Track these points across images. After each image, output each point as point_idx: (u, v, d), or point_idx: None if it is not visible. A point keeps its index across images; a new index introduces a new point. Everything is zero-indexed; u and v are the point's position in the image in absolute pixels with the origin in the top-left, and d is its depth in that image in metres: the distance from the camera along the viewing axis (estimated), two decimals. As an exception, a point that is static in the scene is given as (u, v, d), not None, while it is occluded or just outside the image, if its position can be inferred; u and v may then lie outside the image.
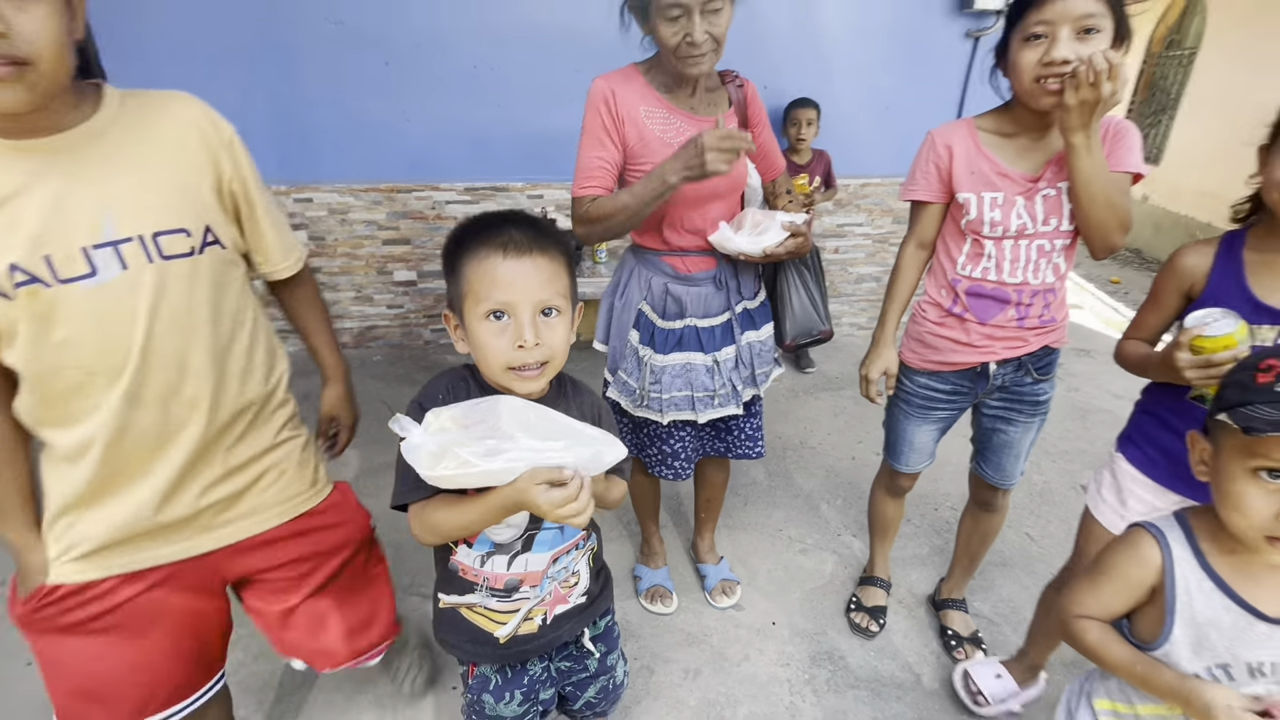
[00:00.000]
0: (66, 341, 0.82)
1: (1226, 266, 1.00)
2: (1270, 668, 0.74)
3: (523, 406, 0.79)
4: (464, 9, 2.80)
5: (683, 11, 1.18)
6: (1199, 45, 5.84)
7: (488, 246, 0.80)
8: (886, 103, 3.28)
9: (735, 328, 1.49)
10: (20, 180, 0.78)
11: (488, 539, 0.88)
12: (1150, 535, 0.81)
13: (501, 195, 3.13)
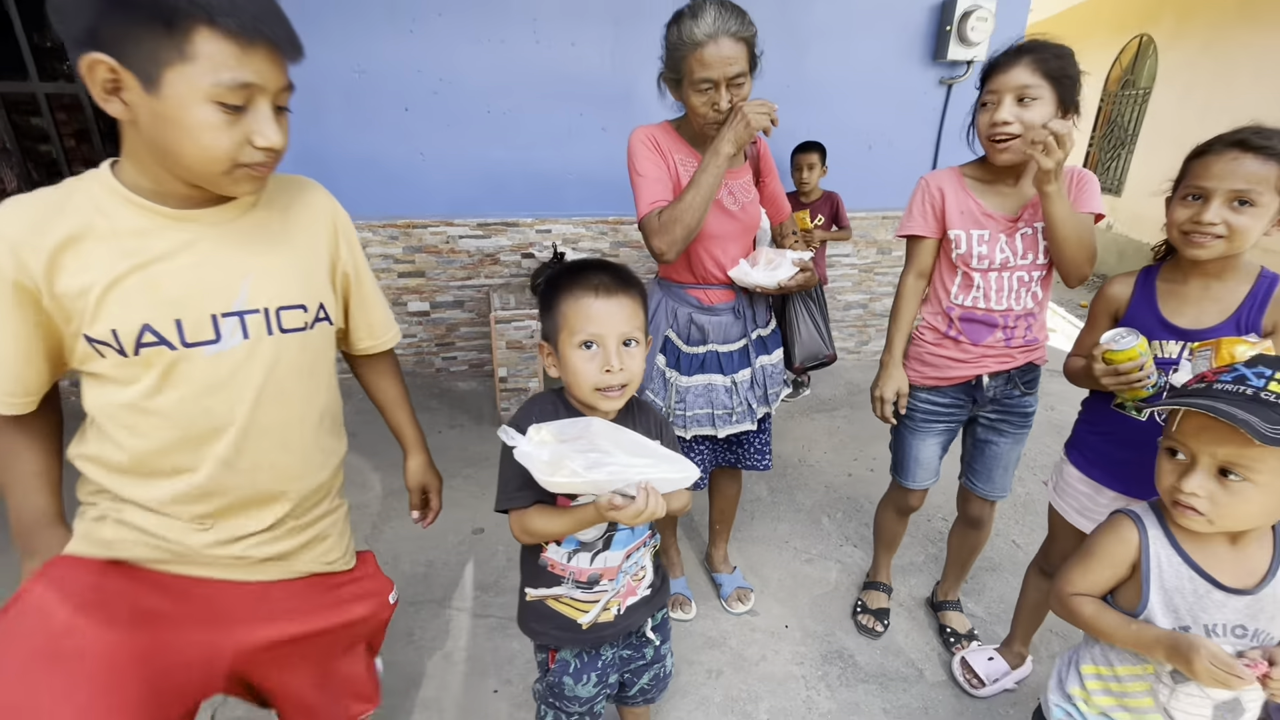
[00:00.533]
0: (178, 402, 0.85)
1: (1143, 294, 1.21)
2: (1223, 629, 0.89)
3: (611, 427, 0.93)
4: (478, 60, 3.01)
5: (712, 85, 1.37)
6: (1152, 85, 6.27)
7: (582, 288, 0.96)
8: (869, 142, 3.54)
9: (751, 352, 1.67)
10: (170, 247, 0.82)
11: (574, 538, 1.02)
12: (1130, 519, 0.97)
13: (512, 230, 3.31)
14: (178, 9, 0.68)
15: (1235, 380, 0.83)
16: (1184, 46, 5.83)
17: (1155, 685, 0.94)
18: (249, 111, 0.76)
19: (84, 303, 0.79)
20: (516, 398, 3.01)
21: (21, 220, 0.77)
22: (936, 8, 3.32)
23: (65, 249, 0.77)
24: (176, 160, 0.77)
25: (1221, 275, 1.14)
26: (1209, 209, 1.07)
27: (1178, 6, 5.92)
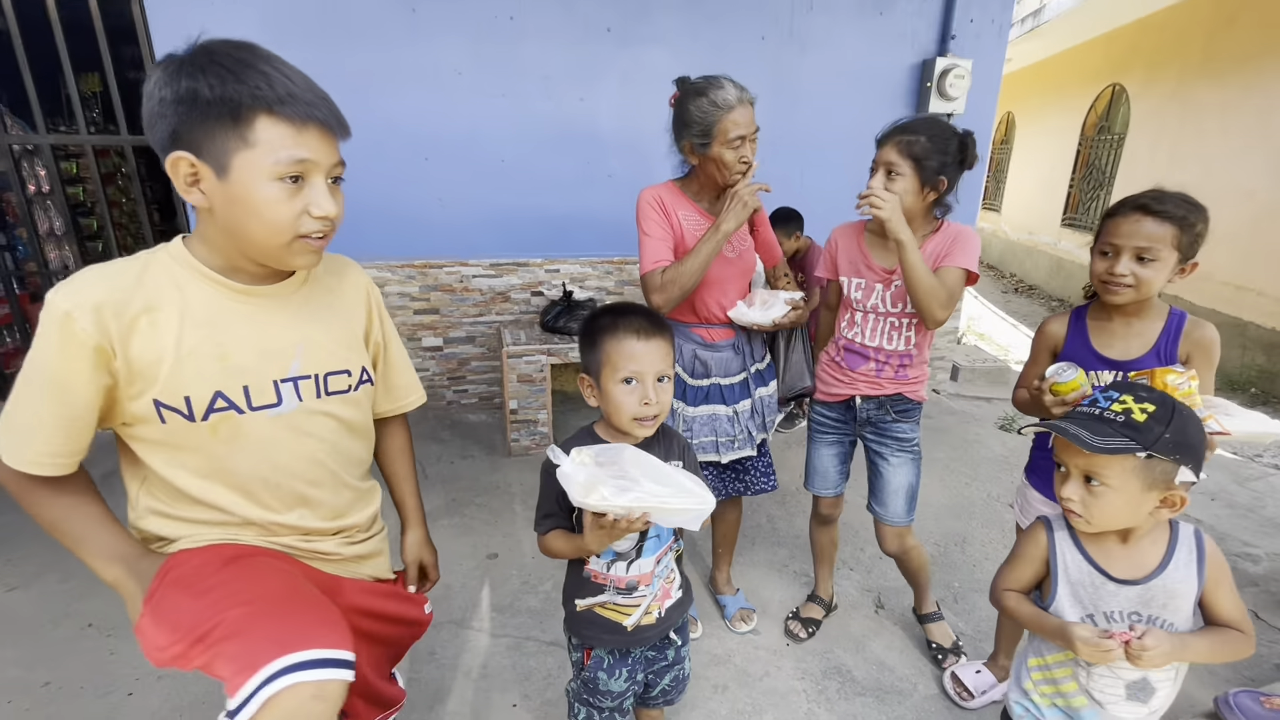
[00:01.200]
0: (239, 459, 0.93)
1: (1076, 331, 1.40)
2: (1119, 615, 1.04)
3: (643, 456, 1.06)
4: (494, 113, 3.24)
5: (742, 141, 1.60)
6: (1126, 131, 6.61)
7: (625, 330, 1.10)
8: (858, 188, 3.75)
9: (751, 384, 1.83)
10: (238, 319, 0.91)
11: (611, 549, 1.14)
12: (1042, 524, 1.14)
13: (522, 269, 3.50)
14: (241, 104, 0.79)
15: (1091, 404, 1.01)
16: (1153, 96, 6.18)
17: (1075, 669, 1.09)
18: (306, 186, 0.86)
19: (157, 369, 0.86)
20: (527, 429, 3.15)
21: (104, 288, 0.84)
22: (917, 66, 3.59)
23: (142, 317, 0.85)
24: (246, 237, 0.86)
25: (1140, 314, 1.33)
26: (1119, 263, 1.26)
27: (1146, 59, 6.30)
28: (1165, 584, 1.03)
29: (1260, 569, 2.40)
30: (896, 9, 3.49)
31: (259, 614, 0.87)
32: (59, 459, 0.88)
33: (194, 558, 0.95)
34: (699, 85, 1.63)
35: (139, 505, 0.98)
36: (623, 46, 3.28)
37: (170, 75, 0.81)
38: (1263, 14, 4.84)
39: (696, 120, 1.61)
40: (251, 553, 0.98)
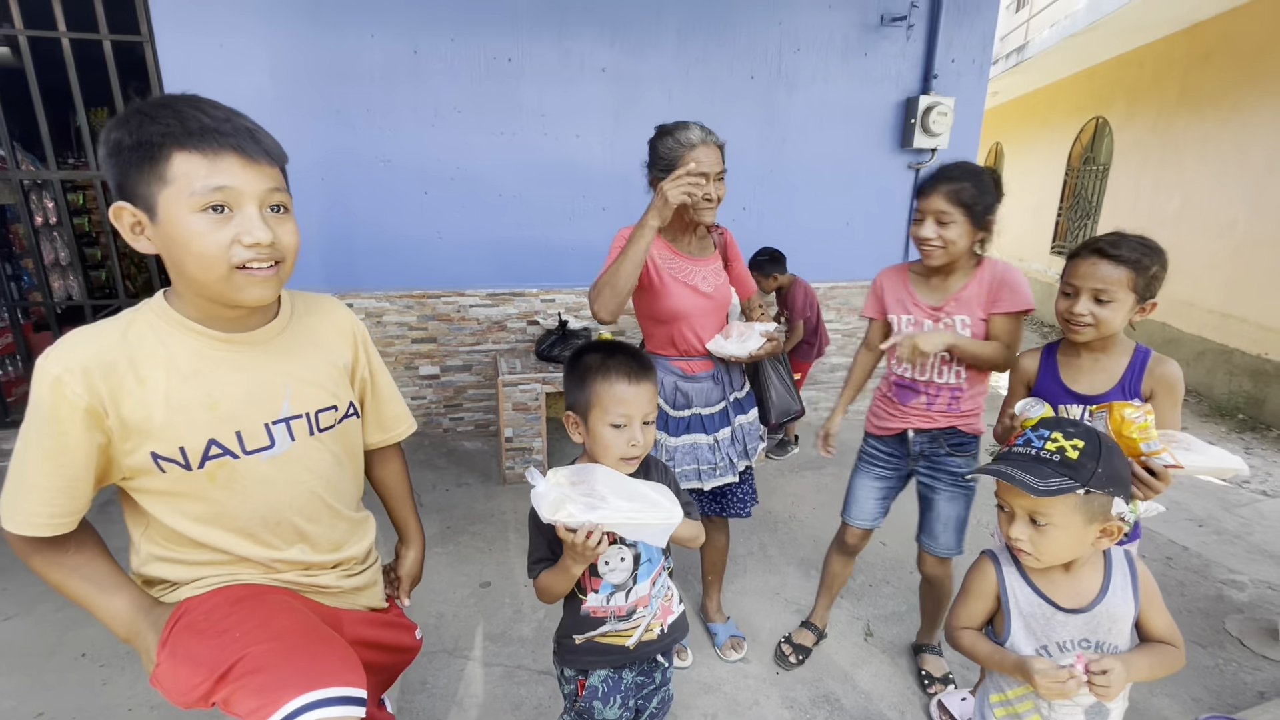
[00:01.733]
0: (239, 502, 0.95)
1: (1048, 367, 1.46)
2: (1070, 643, 1.07)
3: (612, 475, 1.10)
4: (491, 149, 3.34)
5: (705, 179, 1.66)
6: (1110, 162, 6.77)
7: (616, 374, 1.12)
8: (847, 219, 3.86)
9: (730, 413, 1.88)
10: (223, 367, 0.93)
11: (609, 583, 1.17)
12: (989, 559, 1.16)
13: (519, 299, 3.57)
14: (154, 143, 0.81)
15: (1025, 443, 1.05)
16: (1134, 128, 6.35)
17: (1036, 701, 1.11)
18: (236, 215, 0.84)
19: (150, 424, 0.88)
20: (522, 456, 3.19)
21: (91, 349, 0.86)
22: (901, 104, 3.72)
23: (129, 375, 0.87)
24: (187, 274, 0.86)
25: (1106, 350, 1.39)
26: (1078, 303, 1.33)
27: (1127, 93, 6.48)
28: (1108, 609, 1.07)
29: (1245, 596, 2.42)
30: (880, 50, 3.62)
31: (282, 650, 0.89)
32: (58, 519, 0.89)
33: (203, 603, 0.97)
34: (668, 127, 1.75)
35: (141, 551, 1.00)
36: (617, 86, 3.40)
37: (105, 132, 0.84)
38: (1235, 51, 5.01)
39: (662, 157, 1.72)
40: (259, 591, 1.01)
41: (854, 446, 1.99)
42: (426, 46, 3.15)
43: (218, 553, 0.99)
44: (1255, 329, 4.65)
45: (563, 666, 1.28)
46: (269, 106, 3.05)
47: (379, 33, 3.09)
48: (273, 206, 0.89)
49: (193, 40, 2.94)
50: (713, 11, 3.40)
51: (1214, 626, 2.24)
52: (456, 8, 3.14)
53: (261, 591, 1.01)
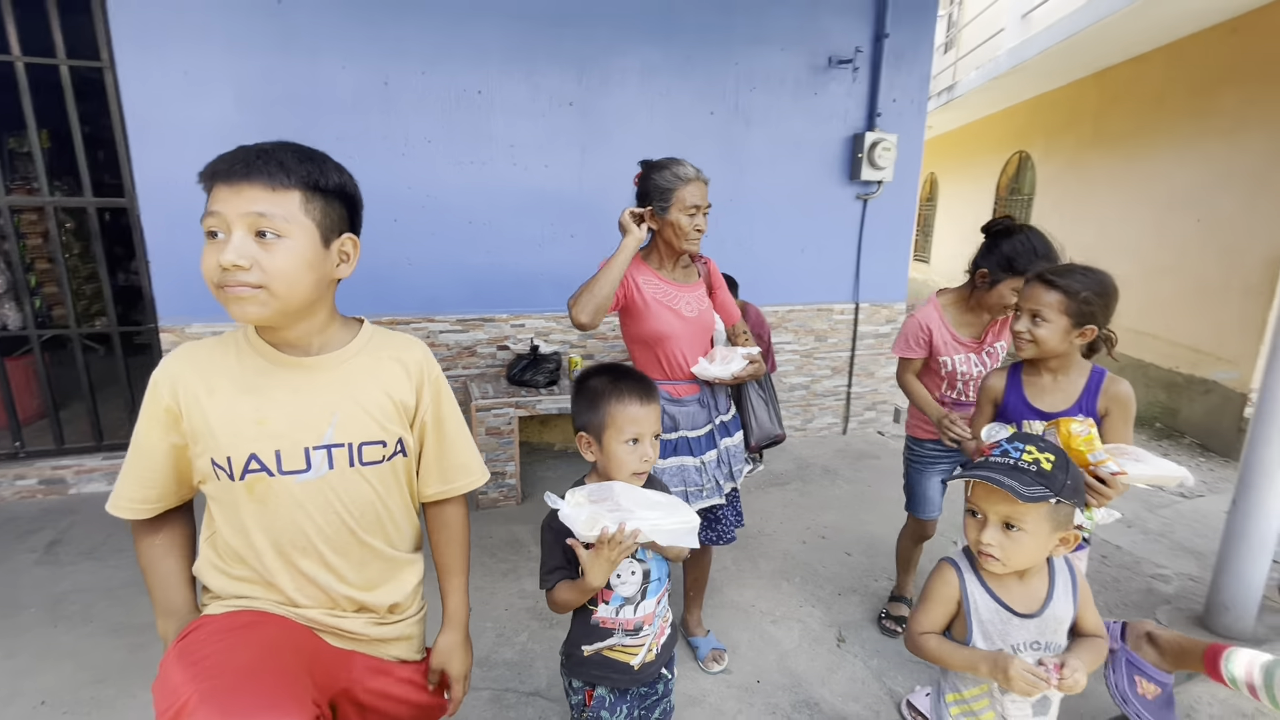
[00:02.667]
0: (270, 518, 0.99)
1: (1013, 385, 1.62)
2: (1024, 645, 1.17)
3: (628, 488, 1.18)
4: (461, 178, 3.40)
5: (698, 210, 1.83)
6: (1033, 193, 7.34)
7: (630, 396, 1.20)
8: (802, 246, 4.08)
9: (716, 435, 1.98)
10: (278, 386, 0.98)
11: (619, 595, 1.23)
12: (950, 566, 1.24)
13: (489, 325, 3.60)
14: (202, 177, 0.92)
15: (1001, 454, 1.13)
16: (1053, 163, 6.92)
17: (990, 700, 1.21)
18: (227, 239, 0.88)
19: (207, 431, 0.96)
20: (495, 482, 3.20)
21: (184, 360, 1.00)
22: (849, 139, 3.98)
23: (201, 384, 0.97)
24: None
25: (1065, 371, 1.55)
26: (1020, 321, 1.52)
27: (1045, 131, 7.07)
28: (1054, 612, 1.18)
29: (1171, 588, 2.66)
30: (829, 90, 3.88)
31: (213, 691, 0.86)
32: (135, 504, 1.02)
33: (211, 623, 0.99)
34: (663, 161, 1.88)
35: (201, 556, 1.08)
36: (584, 119, 3.52)
37: None
38: (1139, 96, 5.57)
39: (660, 188, 1.85)
40: (258, 621, 1.00)
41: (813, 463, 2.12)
42: (397, 78, 3.20)
43: (249, 569, 1.03)
44: (1166, 345, 5.11)
45: (570, 677, 1.33)
46: (234, 134, 2.98)
47: (349, 64, 3.12)
48: (258, 231, 0.89)
49: (155, 67, 2.90)
50: (674, 52, 3.58)
51: (1146, 617, 2.45)
52: (427, 42, 3.21)
53: (263, 621, 1.00)
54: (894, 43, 3.87)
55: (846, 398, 4.40)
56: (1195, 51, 4.97)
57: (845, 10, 3.80)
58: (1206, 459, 4.80)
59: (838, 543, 3.00)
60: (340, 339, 1.04)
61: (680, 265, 1.98)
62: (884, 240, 4.19)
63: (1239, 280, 4.49)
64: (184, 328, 3.18)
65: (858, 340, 4.30)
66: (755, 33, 3.68)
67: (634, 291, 1.87)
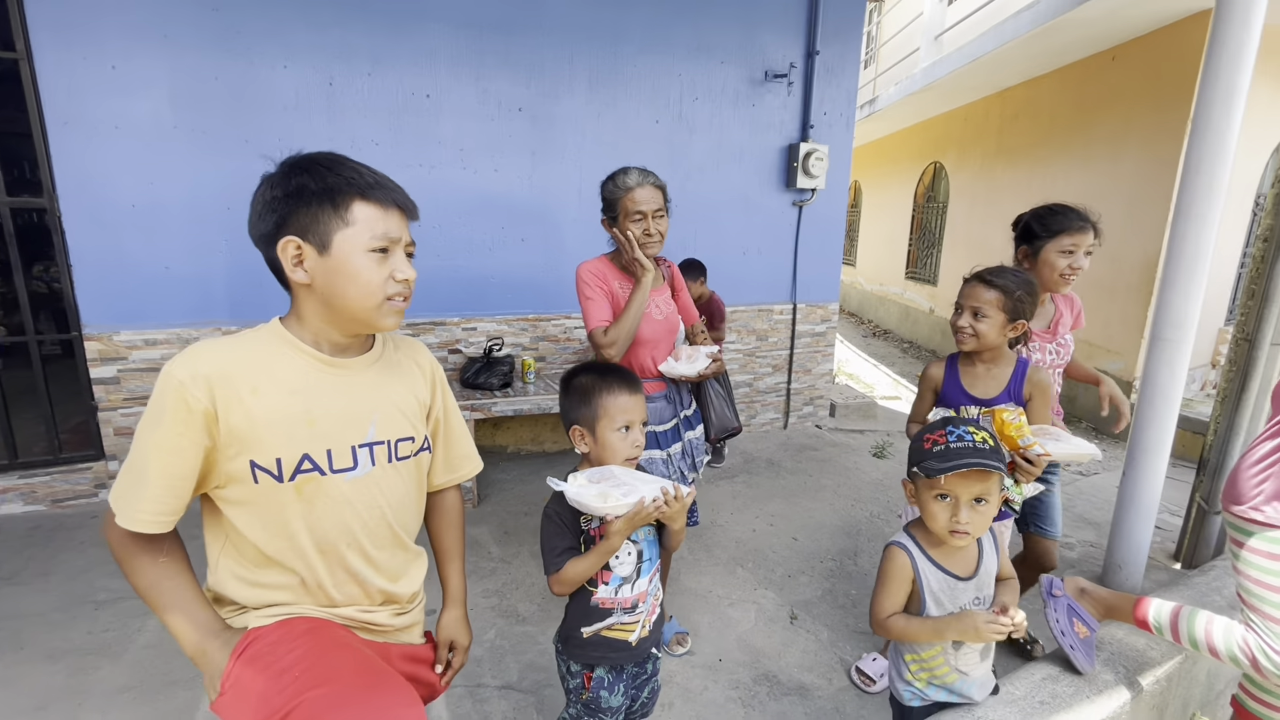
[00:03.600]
0: (318, 517, 1.02)
1: (951, 374, 1.81)
2: (969, 604, 1.33)
3: (625, 470, 1.27)
4: (409, 182, 3.34)
5: (643, 216, 1.90)
6: (948, 200, 7.91)
7: (619, 388, 1.30)
8: (744, 249, 4.28)
9: (681, 428, 2.09)
10: (325, 388, 1.01)
11: (618, 575, 1.31)
12: (899, 548, 1.34)
13: (439, 328, 3.59)
14: (340, 191, 0.96)
15: (958, 439, 1.25)
16: (964, 173, 7.50)
17: (944, 654, 1.37)
18: (389, 257, 1.00)
19: (255, 433, 0.95)
20: (451, 485, 3.20)
21: (216, 360, 0.95)
22: (785, 149, 4.21)
23: (243, 384, 0.95)
24: (343, 302, 0.99)
25: (996, 361, 1.76)
26: (962, 317, 1.70)
27: (956, 144, 7.65)
28: (986, 569, 1.36)
29: (1075, 554, 3.00)
30: (765, 102, 4.10)
31: (337, 695, 0.92)
32: (162, 517, 0.96)
33: (269, 634, 1.01)
34: (612, 174, 1.96)
35: (219, 568, 1.04)
36: (533, 125, 3.58)
37: (280, 177, 0.98)
38: (1035, 114, 6.14)
39: (605, 199, 1.94)
40: (319, 626, 1.05)
41: (758, 457, 2.27)
42: (342, 79, 3.16)
43: (288, 573, 1.03)
44: (1064, 339, 5.65)
45: (569, 662, 1.39)
46: (168, 133, 2.91)
47: (292, 64, 3.06)
48: (408, 253, 1.04)
49: (78, 60, 2.75)
50: (620, 61, 3.70)
51: (1055, 580, 2.76)
52: (373, 43, 3.18)
53: (320, 626, 1.05)
54: (824, 59, 4.13)
55: (787, 394, 4.64)
56: (1081, 76, 5.55)
57: (779, 28, 4.03)
58: (1100, 440, 5.35)
59: (785, 529, 3.18)
60: (364, 342, 1.10)
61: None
62: (818, 244, 4.45)
63: (1123, 281, 5.05)
64: (111, 335, 3.02)
65: (796, 339, 4.55)
66: (697, 46, 3.85)
67: (612, 299, 1.96)
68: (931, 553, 1.35)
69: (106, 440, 3.12)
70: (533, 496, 3.46)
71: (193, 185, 2.98)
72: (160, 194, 2.97)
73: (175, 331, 3.11)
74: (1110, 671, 1.70)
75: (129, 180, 2.91)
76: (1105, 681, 1.66)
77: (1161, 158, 4.71)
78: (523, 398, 3.37)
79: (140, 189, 2.94)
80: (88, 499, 3.18)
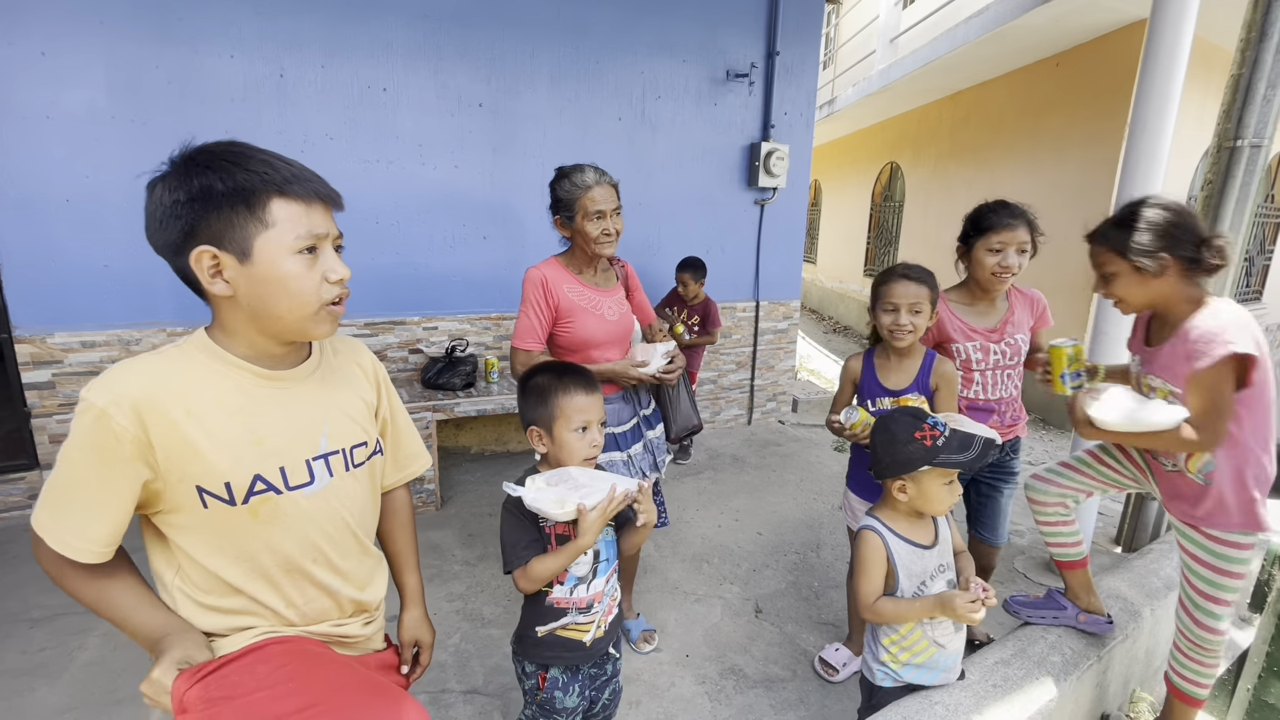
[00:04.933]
0: (280, 537, 0.96)
1: (868, 368, 1.87)
2: (935, 570, 1.42)
3: (582, 470, 1.27)
4: (367, 178, 3.30)
5: (602, 215, 1.87)
6: (904, 199, 8.12)
7: (575, 388, 1.29)
8: (707, 247, 4.30)
9: (641, 427, 2.09)
10: (267, 404, 0.94)
11: (574, 575, 1.30)
12: (872, 531, 1.42)
13: (400, 328, 3.51)
14: (253, 189, 0.85)
15: (945, 428, 1.36)
16: (919, 172, 7.71)
17: (923, 630, 1.44)
18: (319, 256, 0.92)
19: (197, 458, 0.88)
20: (413, 486, 3.13)
21: (140, 383, 0.86)
22: (747, 148, 4.26)
23: (176, 407, 0.87)
24: (274, 314, 0.90)
25: (908, 355, 1.83)
26: (901, 316, 1.73)
27: (911, 144, 7.86)
28: (943, 536, 1.45)
29: (1025, 541, 3.12)
30: (727, 102, 4.13)
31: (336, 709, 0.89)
32: (98, 547, 0.88)
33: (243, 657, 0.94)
34: (565, 170, 1.91)
35: (177, 599, 0.96)
36: (494, 120, 3.53)
37: (178, 178, 0.86)
38: (985, 116, 6.36)
39: (562, 199, 1.90)
40: (304, 645, 1.00)
41: (722, 453, 2.30)
42: (294, 71, 3.05)
43: (251, 601, 0.97)
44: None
45: (524, 662, 1.38)
46: (106, 124, 2.76)
47: (239, 53, 2.94)
48: (337, 246, 0.96)
49: (4, 46, 2.58)
50: (582, 57, 3.67)
51: (1007, 567, 2.86)
52: (325, 34, 3.09)
53: (305, 644, 1.00)
54: (784, 59, 4.19)
55: (750, 390, 4.70)
56: (1028, 80, 5.76)
57: (740, 28, 4.07)
58: (1047, 431, 5.58)
59: (749, 524, 3.22)
60: (301, 349, 1.03)
61: (600, 269, 2.06)
62: (779, 242, 4.52)
63: (1066, 280, 5.27)
64: (44, 337, 2.85)
65: (759, 336, 4.61)
66: (660, 44, 3.85)
67: (560, 300, 1.93)
68: (896, 529, 1.43)
69: (41, 449, 2.95)
70: (497, 497, 3.41)
71: (133, 179, 2.82)
72: (97, 188, 2.82)
73: (115, 333, 2.96)
74: (1058, 654, 1.77)
75: (63, 173, 2.76)
76: (1053, 664, 1.73)
77: (1103, 159, 4.94)
78: (486, 398, 3.32)
79: (75, 182, 2.79)
80: (21, 510, 3.00)
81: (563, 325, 1.94)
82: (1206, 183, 2.45)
